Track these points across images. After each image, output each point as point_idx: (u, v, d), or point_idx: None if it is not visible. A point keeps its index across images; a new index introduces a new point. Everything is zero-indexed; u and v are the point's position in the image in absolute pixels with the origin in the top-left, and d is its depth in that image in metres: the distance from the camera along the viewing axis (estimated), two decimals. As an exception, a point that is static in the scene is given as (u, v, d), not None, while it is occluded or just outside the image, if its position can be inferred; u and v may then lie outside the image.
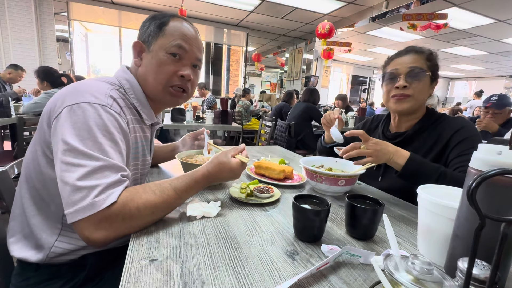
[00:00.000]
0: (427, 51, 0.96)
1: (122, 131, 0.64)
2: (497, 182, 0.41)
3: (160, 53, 0.72)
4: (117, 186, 0.56)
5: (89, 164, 0.54)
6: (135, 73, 0.76)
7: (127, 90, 0.72)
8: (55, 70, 2.76)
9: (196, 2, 5.10)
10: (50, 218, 0.65)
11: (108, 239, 0.55)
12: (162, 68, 0.72)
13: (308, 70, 7.22)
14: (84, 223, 0.53)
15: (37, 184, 0.65)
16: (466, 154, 0.84)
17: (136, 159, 0.77)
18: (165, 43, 0.72)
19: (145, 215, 0.58)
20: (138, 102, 0.74)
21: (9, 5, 4.60)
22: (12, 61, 4.59)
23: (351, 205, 0.62)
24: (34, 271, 0.66)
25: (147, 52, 0.73)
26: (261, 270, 0.49)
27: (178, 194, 0.64)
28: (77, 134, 0.56)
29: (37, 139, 0.65)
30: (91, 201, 0.52)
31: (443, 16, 4.21)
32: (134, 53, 0.75)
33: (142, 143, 0.78)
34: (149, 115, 0.77)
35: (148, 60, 0.73)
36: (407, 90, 0.93)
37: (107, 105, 0.62)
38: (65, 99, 0.60)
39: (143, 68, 0.74)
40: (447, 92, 12.36)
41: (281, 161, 1.17)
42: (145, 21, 0.77)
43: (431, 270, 0.34)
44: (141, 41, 0.74)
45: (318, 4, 4.82)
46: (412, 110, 0.98)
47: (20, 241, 0.67)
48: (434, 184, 0.68)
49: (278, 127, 3.30)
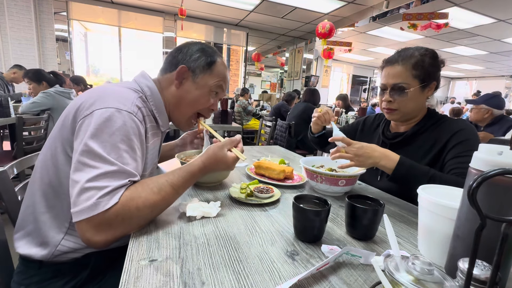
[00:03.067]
0: (416, 57, 0.91)
1: (141, 139, 0.67)
2: (498, 182, 0.41)
3: (205, 88, 0.80)
4: (123, 189, 0.58)
5: (103, 167, 0.56)
6: (166, 86, 0.80)
7: (148, 97, 0.75)
8: (43, 69, 2.83)
9: (196, 2, 5.09)
10: (59, 216, 0.66)
11: (108, 241, 0.56)
12: (202, 100, 0.81)
13: (308, 70, 7.22)
14: (85, 224, 0.54)
15: (54, 181, 0.66)
16: (461, 156, 0.84)
17: (152, 163, 0.80)
18: (211, 81, 0.80)
19: (145, 214, 0.59)
20: (156, 110, 0.77)
21: (8, 5, 4.59)
22: (11, 61, 4.59)
23: (351, 205, 0.62)
24: (37, 269, 0.67)
25: (192, 81, 0.79)
26: (261, 271, 0.49)
27: (175, 189, 0.65)
28: (99, 137, 0.58)
29: (57, 137, 0.66)
30: (95, 201, 0.53)
31: (444, 16, 4.20)
32: (177, 76, 0.78)
33: (155, 148, 0.82)
34: (164, 122, 0.81)
35: (190, 87, 0.79)
36: (392, 104, 0.95)
37: (133, 113, 0.64)
38: (95, 103, 0.62)
39: (182, 92, 0.79)
40: (447, 92, 12.36)
41: (281, 161, 1.17)
42: (192, 48, 0.79)
43: (431, 270, 0.34)
44: (187, 67, 0.78)
45: (318, 4, 4.81)
46: (404, 119, 1.00)
47: (25, 237, 0.68)
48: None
49: (278, 127, 3.30)
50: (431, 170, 0.79)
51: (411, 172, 0.80)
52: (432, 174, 0.78)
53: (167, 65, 0.81)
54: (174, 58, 0.80)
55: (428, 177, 0.78)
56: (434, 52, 0.94)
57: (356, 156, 0.82)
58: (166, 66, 0.81)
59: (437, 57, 0.94)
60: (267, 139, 3.04)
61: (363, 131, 1.20)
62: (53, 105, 2.40)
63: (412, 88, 0.91)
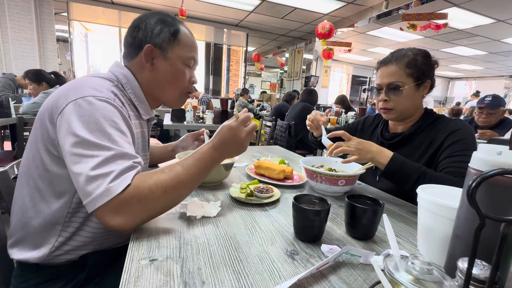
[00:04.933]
0: (409, 56, 0.93)
1: (127, 123, 0.65)
2: (497, 182, 0.41)
3: (178, 63, 0.76)
4: (130, 170, 0.56)
5: (102, 154, 0.55)
6: (138, 72, 0.76)
7: (124, 85, 0.73)
8: (44, 70, 2.82)
9: (196, 2, 5.09)
10: (49, 219, 0.65)
11: (129, 224, 0.55)
12: (181, 77, 0.78)
13: (308, 70, 7.22)
14: (103, 210, 0.53)
15: (40, 183, 0.64)
16: (455, 155, 0.84)
17: (142, 155, 0.78)
18: (182, 54, 0.76)
19: (158, 195, 0.57)
20: (135, 97, 0.74)
21: (9, 5, 4.59)
22: (12, 61, 4.59)
23: (351, 205, 0.62)
24: (34, 272, 0.66)
25: (163, 59, 0.74)
26: (261, 270, 0.49)
27: (186, 169, 0.62)
28: (86, 126, 0.56)
29: (37, 138, 0.64)
30: (107, 186, 0.52)
31: (443, 16, 4.21)
32: (146, 58, 0.73)
33: (141, 139, 0.79)
34: (146, 110, 0.79)
35: (164, 67, 0.75)
36: (388, 103, 0.97)
37: (110, 99, 0.63)
38: (68, 95, 0.60)
39: (157, 74, 0.75)
40: (447, 92, 12.36)
41: (281, 161, 1.17)
42: (150, 21, 0.73)
43: (431, 270, 0.34)
44: (152, 45, 0.72)
45: (318, 4, 4.82)
46: (400, 118, 1.01)
47: (18, 244, 0.67)
48: (414, 184, 0.69)
49: (278, 127, 3.30)
50: (422, 167, 0.81)
51: (402, 168, 0.81)
52: (423, 170, 0.79)
53: (130, 48, 0.74)
54: (134, 38, 0.73)
55: (418, 174, 0.79)
56: (426, 52, 0.96)
57: (357, 150, 0.84)
58: (129, 50, 0.75)
59: (429, 56, 0.96)
60: (267, 139, 3.04)
61: (363, 131, 1.20)
62: None
63: (407, 86, 0.93)
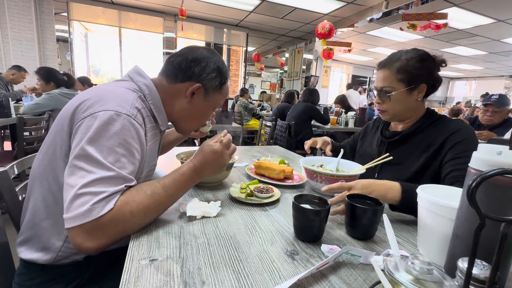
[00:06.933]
0: (401, 61, 0.91)
1: (140, 142, 0.66)
2: (497, 182, 0.41)
3: (212, 106, 0.83)
4: (118, 194, 0.57)
5: (99, 172, 0.55)
6: (169, 94, 0.77)
7: (146, 96, 0.74)
8: (57, 70, 2.79)
9: (196, 2, 5.09)
10: (59, 222, 0.65)
11: (101, 247, 0.55)
12: (206, 117, 0.86)
13: (308, 70, 7.21)
14: (77, 230, 0.52)
15: (53, 186, 0.64)
16: (460, 157, 0.84)
17: (149, 165, 0.79)
18: (218, 100, 0.83)
19: (138, 218, 0.58)
20: (155, 108, 0.76)
21: (9, 5, 4.59)
22: (12, 61, 4.59)
23: (351, 205, 0.62)
24: (40, 271, 0.67)
25: (203, 98, 0.79)
26: (261, 270, 0.49)
27: (167, 191, 0.63)
28: (96, 141, 0.57)
29: (56, 142, 0.64)
30: (89, 207, 0.52)
31: (443, 16, 4.20)
32: (190, 91, 0.76)
33: (153, 150, 0.80)
34: (164, 121, 0.80)
35: (200, 104, 0.80)
36: (381, 106, 0.99)
37: (132, 116, 0.63)
38: (93, 104, 0.61)
39: (191, 106, 0.79)
40: (447, 92, 12.35)
41: (281, 161, 1.17)
42: (210, 65, 0.77)
43: (431, 270, 0.34)
44: (202, 85, 0.77)
45: (318, 4, 4.81)
46: (396, 119, 1.02)
47: (27, 243, 0.67)
48: None
49: (278, 127, 3.30)
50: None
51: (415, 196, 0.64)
52: None
53: (179, 73, 0.75)
54: (189, 69, 0.75)
55: None
56: (423, 55, 0.92)
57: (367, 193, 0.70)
58: (177, 73, 0.75)
59: (425, 60, 0.91)
60: (267, 139, 3.04)
61: (365, 137, 1.21)
62: (56, 106, 2.40)
63: (395, 92, 0.93)
